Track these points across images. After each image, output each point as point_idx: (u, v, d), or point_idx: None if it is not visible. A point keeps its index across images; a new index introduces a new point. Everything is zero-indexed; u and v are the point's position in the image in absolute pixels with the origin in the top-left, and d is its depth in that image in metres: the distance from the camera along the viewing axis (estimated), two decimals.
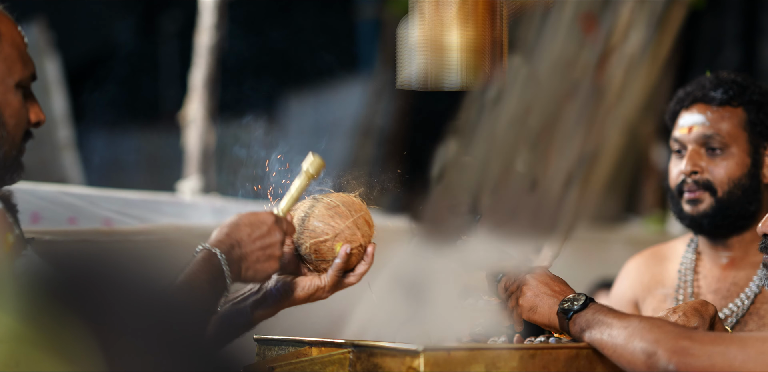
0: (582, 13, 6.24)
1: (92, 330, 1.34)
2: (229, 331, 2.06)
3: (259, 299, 2.08)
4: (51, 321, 1.34)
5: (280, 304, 2.09)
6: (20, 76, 1.91)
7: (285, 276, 2.09)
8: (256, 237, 1.96)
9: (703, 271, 2.60)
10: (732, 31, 7.66)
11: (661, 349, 1.81)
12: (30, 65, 1.93)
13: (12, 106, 1.89)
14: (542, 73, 2.20)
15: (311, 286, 2.07)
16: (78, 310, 1.37)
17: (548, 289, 2.03)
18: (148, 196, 3.72)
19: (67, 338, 1.30)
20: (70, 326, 1.32)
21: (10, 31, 1.90)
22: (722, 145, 2.52)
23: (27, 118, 1.93)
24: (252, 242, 1.96)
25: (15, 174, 1.92)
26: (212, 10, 4.95)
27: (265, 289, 2.08)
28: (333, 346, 1.98)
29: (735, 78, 2.57)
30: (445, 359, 1.78)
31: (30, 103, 1.94)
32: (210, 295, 1.88)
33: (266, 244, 1.97)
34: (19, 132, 1.91)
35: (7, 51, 1.89)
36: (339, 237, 2.05)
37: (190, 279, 1.86)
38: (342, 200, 2.10)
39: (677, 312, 2.10)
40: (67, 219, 3.23)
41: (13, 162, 1.91)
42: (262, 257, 1.96)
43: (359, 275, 2.10)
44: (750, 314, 2.46)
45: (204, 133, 4.90)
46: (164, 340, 1.33)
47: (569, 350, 1.90)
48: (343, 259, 2.04)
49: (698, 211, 2.53)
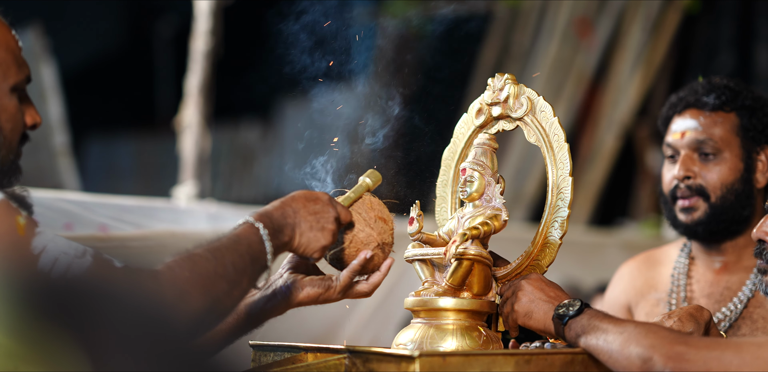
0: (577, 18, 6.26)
1: (83, 342, 1.34)
2: (238, 327, 2.06)
3: (269, 296, 2.07)
4: (42, 335, 1.34)
5: (290, 303, 2.07)
6: (15, 79, 1.90)
7: (296, 275, 2.08)
8: (312, 209, 1.95)
9: (696, 275, 2.61)
10: (727, 35, 7.67)
11: (657, 354, 1.81)
12: (25, 68, 1.93)
13: (8, 111, 1.89)
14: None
15: (322, 286, 2.06)
16: (69, 322, 1.36)
17: (543, 294, 2.03)
18: (144, 202, 3.72)
19: (59, 352, 1.30)
20: (62, 340, 1.32)
21: (4, 34, 1.90)
22: (715, 150, 2.53)
23: (23, 122, 1.93)
24: (308, 212, 1.94)
25: (13, 177, 1.92)
26: (207, 15, 4.95)
27: (275, 287, 2.07)
28: (328, 351, 1.98)
29: (727, 83, 2.57)
30: (441, 364, 1.78)
31: (25, 105, 1.93)
32: (246, 271, 1.83)
33: (321, 216, 1.95)
34: (16, 135, 1.91)
35: (1, 55, 1.89)
36: (354, 242, 2.05)
37: (223, 253, 1.80)
38: (363, 201, 2.08)
39: (672, 317, 2.11)
40: (63, 225, 3.23)
41: (10, 166, 1.90)
42: (317, 226, 1.94)
43: (372, 285, 2.08)
44: (743, 318, 2.47)
45: (199, 138, 4.90)
46: (156, 348, 1.33)
47: (565, 356, 1.91)
48: (361, 262, 2.04)
49: (692, 219, 2.54)
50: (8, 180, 1.90)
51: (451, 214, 2.28)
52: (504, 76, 2.22)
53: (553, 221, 2.11)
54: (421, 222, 2.15)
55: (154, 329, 1.48)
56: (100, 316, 1.41)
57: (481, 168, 2.14)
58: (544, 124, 2.15)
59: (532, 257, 2.13)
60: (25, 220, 1.70)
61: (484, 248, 2.09)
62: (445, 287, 2.07)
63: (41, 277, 1.62)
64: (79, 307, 1.43)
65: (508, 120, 2.23)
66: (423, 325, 2.07)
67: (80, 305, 1.46)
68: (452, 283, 2.06)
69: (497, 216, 2.10)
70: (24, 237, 1.68)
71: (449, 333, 2.03)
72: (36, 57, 5.66)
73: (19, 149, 1.93)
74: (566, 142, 2.12)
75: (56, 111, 5.74)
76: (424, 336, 2.04)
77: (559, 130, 2.13)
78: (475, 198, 2.13)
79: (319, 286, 2.06)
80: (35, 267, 1.65)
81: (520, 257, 2.14)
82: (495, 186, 2.13)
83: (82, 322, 1.39)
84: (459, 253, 2.05)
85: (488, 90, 2.24)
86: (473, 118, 2.27)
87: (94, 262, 1.69)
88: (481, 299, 2.08)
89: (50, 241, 1.69)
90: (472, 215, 2.12)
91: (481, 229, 2.07)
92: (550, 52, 7.52)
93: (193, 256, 1.77)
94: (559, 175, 2.12)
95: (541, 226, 2.12)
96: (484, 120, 2.25)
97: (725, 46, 7.60)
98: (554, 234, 2.11)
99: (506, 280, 2.13)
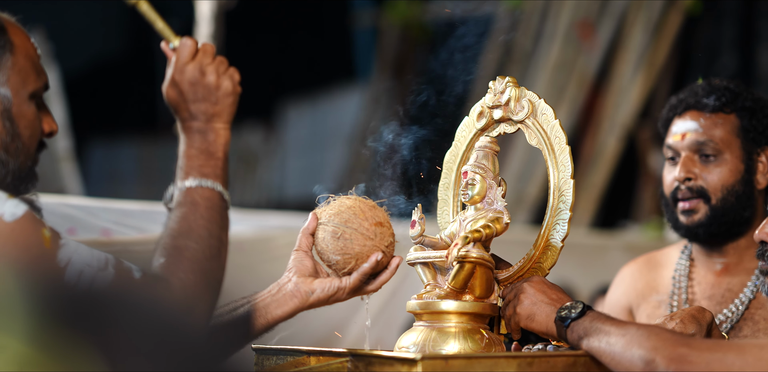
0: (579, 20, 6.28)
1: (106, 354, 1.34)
2: (247, 332, 2.07)
3: (280, 301, 2.08)
4: (61, 344, 1.34)
5: (303, 306, 2.09)
6: (34, 87, 1.92)
7: (305, 278, 2.09)
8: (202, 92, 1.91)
9: (697, 277, 2.61)
10: (729, 37, 7.67)
11: (659, 356, 1.81)
12: (43, 76, 1.95)
13: (27, 118, 1.90)
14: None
15: (331, 288, 2.08)
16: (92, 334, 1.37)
17: (545, 297, 2.03)
18: (147, 207, 3.72)
19: (80, 363, 1.30)
20: (81, 348, 1.32)
21: (24, 42, 1.92)
22: (715, 151, 2.53)
23: (41, 129, 1.94)
24: (198, 98, 1.90)
25: (29, 184, 1.93)
26: (209, 19, 4.96)
27: (286, 292, 2.08)
28: (331, 355, 1.98)
29: (727, 85, 2.57)
30: (443, 367, 1.78)
31: (43, 113, 1.95)
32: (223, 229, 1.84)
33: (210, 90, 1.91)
34: (34, 143, 1.93)
35: (21, 63, 1.90)
36: (360, 258, 2.06)
37: (200, 232, 1.82)
38: (354, 212, 2.09)
39: (674, 319, 2.11)
40: (66, 230, 3.23)
41: (28, 172, 1.92)
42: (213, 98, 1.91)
43: (381, 283, 2.11)
44: (744, 320, 2.47)
45: None
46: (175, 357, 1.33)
47: (567, 358, 1.91)
48: (372, 265, 2.05)
49: (693, 221, 2.54)
50: (25, 186, 1.92)
51: (452, 217, 2.28)
52: (505, 78, 2.23)
53: (554, 224, 2.11)
54: (423, 225, 2.15)
55: (173, 339, 1.49)
56: (123, 329, 1.42)
57: (483, 171, 2.14)
58: (545, 126, 2.16)
59: (534, 260, 2.13)
60: (50, 233, 1.72)
61: (486, 251, 2.09)
62: (447, 290, 2.07)
63: (68, 290, 1.64)
64: (102, 321, 1.45)
65: (509, 123, 2.23)
66: (425, 327, 2.07)
67: (104, 319, 1.47)
68: (454, 285, 2.07)
69: (499, 219, 2.10)
70: (50, 250, 1.70)
71: (452, 336, 2.03)
72: None
73: (37, 156, 1.95)
74: (567, 145, 2.12)
75: (59, 116, 5.75)
76: (427, 339, 2.04)
77: (561, 132, 2.13)
78: (477, 201, 2.14)
79: (329, 289, 2.08)
80: (62, 280, 1.67)
81: (522, 260, 2.14)
82: (496, 189, 2.13)
83: (105, 335, 1.40)
84: (461, 256, 2.05)
85: (489, 93, 2.25)
86: (475, 121, 2.28)
87: (116, 274, 1.73)
88: (483, 302, 2.08)
89: (74, 252, 1.72)
90: (474, 218, 2.12)
91: (483, 231, 2.07)
92: (552, 54, 7.52)
93: (182, 252, 1.80)
94: (561, 177, 2.12)
95: (543, 228, 2.12)
96: (486, 123, 2.25)
97: (727, 48, 7.60)
98: (556, 236, 2.11)
99: (508, 283, 2.14)
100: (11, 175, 1.88)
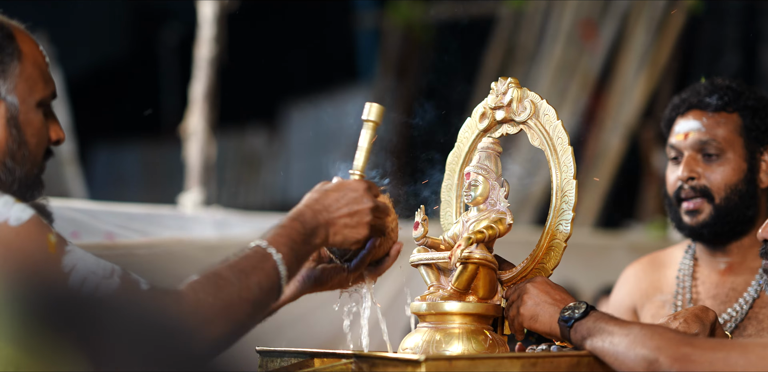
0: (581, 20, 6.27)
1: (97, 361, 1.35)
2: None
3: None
4: (48, 347, 1.35)
5: (303, 289, 2.11)
6: (42, 95, 1.92)
7: (308, 262, 2.10)
8: (346, 201, 1.95)
9: (701, 276, 2.61)
10: (731, 36, 7.67)
11: (663, 356, 1.81)
12: (51, 84, 1.95)
13: (34, 126, 1.91)
14: None
15: (334, 273, 2.09)
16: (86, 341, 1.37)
17: (549, 297, 2.03)
18: (150, 210, 3.73)
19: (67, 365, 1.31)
20: (73, 352, 1.33)
21: (32, 50, 1.92)
22: (718, 150, 2.53)
23: (48, 137, 1.95)
24: (340, 208, 1.94)
25: (36, 191, 1.94)
26: (212, 22, 4.97)
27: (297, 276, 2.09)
28: (335, 356, 1.98)
29: (730, 84, 2.58)
30: (447, 368, 1.78)
31: (50, 121, 1.95)
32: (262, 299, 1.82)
33: (355, 211, 1.95)
34: (41, 151, 1.94)
35: (29, 70, 1.90)
36: None
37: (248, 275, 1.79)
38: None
39: (678, 318, 2.11)
40: (70, 233, 3.24)
41: (34, 180, 1.93)
42: (351, 223, 1.94)
43: (382, 270, 2.10)
44: (749, 319, 2.47)
45: (205, 145, 4.91)
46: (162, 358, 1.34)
47: (571, 358, 1.91)
48: (370, 251, 2.05)
49: (697, 221, 2.54)
50: (32, 193, 1.93)
51: (455, 218, 2.28)
52: (507, 79, 2.23)
53: (557, 224, 2.11)
54: (426, 226, 2.15)
55: (171, 353, 1.49)
56: (118, 338, 1.43)
57: (486, 172, 2.14)
58: (548, 127, 2.16)
59: (537, 260, 2.13)
60: (56, 238, 1.73)
61: (489, 252, 2.09)
62: (450, 291, 2.08)
63: (70, 296, 1.64)
64: (99, 328, 1.45)
65: (511, 124, 2.23)
66: (429, 329, 2.07)
67: (101, 326, 1.48)
68: (458, 287, 2.07)
69: (502, 219, 2.11)
70: (55, 255, 1.71)
71: (455, 337, 2.04)
72: None
73: (43, 164, 1.96)
74: (570, 146, 2.12)
75: (62, 119, 5.74)
76: (430, 340, 2.04)
77: (563, 133, 2.13)
78: (480, 202, 2.14)
79: (332, 275, 2.09)
80: (65, 285, 1.67)
81: (525, 260, 2.14)
82: (499, 190, 2.14)
83: (99, 342, 1.40)
84: (464, 257, 2.05)
85: (492, 94, 2.25)
86: (477, 122, 2.28)
87: (121, 283, 1.72)
88: (486, 303, 2.08)
89: (79, 259, 1.72)
90: (477, 219, 2.12)
91: (486, 232, 2.07)
92: (555, 54, 7.52)
93: (217, 279, 1.76)
94: (563, 178, 2.12)
95: (546, 229, 2.13)
96: (488, 124, 2.25)
97: (730, 47, 7.60)
98: (559, 237, 2.11)
99: (512, 284, 2.14)
100: (17, 182, 1.89)
